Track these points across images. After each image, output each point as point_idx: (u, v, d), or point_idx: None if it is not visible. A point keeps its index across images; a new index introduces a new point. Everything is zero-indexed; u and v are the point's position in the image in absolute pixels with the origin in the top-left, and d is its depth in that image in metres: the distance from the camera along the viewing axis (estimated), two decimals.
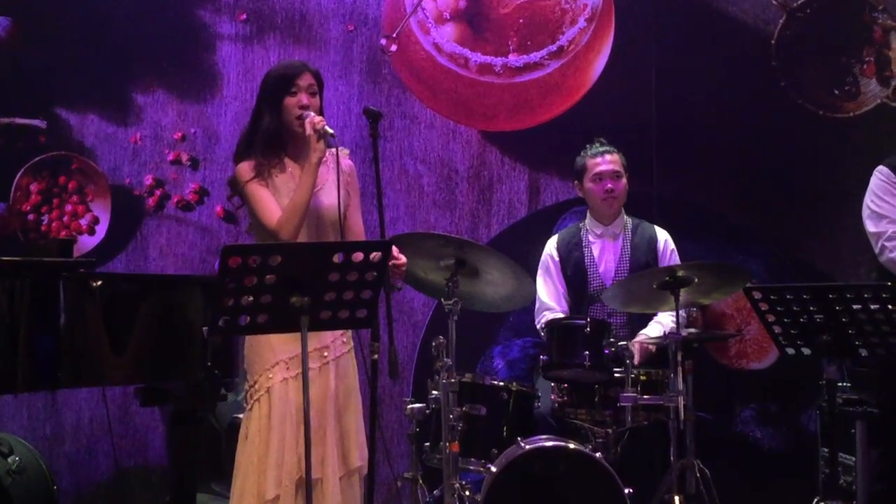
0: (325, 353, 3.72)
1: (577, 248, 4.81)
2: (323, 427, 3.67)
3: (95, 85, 5.69)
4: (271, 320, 3.22)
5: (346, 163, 3.88)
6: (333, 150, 3.79)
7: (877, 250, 4.27)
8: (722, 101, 5.51)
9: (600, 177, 4.76)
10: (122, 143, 5.69)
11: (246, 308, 3.17)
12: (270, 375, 3.67)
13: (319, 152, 3.68)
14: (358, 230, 3.88)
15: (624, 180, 4.79)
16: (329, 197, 3.76)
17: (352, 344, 3.83)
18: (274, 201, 3.71)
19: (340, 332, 3.74)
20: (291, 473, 3.60)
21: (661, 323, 4.68)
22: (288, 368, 3.67)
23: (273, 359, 3.68)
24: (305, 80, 3.77)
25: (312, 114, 3.71)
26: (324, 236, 3.74)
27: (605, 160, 4.76)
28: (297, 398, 3.62)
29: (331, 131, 3.65)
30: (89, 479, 5.53)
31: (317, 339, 3.68)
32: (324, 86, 3.86)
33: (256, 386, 3.69)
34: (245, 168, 3.76)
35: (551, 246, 4.88)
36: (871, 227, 4.28)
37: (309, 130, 3.67)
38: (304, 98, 3.74)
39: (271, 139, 3.76)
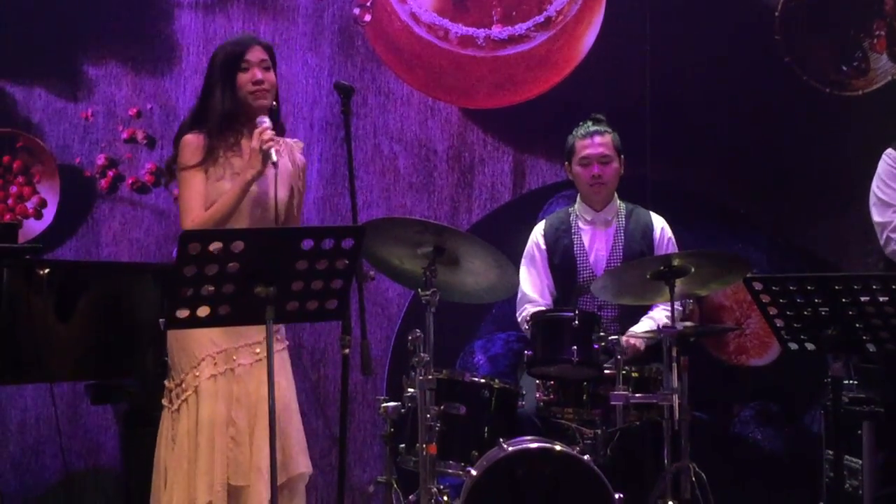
0: (258, 350, 3.69)
1: (566, 235, 4.81)
2: (251, 428, 3.66)
3: (43, 56, 5.65)
4: (234, 312, 3.21)
5: (300, 158, 3.94)
6: (289, 140, 3.90)
7: (882, 241, 4.30)
8: (721, 77, 5.51)
9: (588, 161, 4.75)
10: (71, 119, 5.65)
11: (206, 298, 3.15)
12: (197, 373, 3.66)
13: (254, 171, 3.68)
14: None
15: (615, 164, 4.78)
16: (280, 189, 3.77)
17: (286, 342, 3.83)
18: (200, 199, 3.72)
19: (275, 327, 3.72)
20: (222, 478, 3.59)
21: (654, 318, 4.69)
22: (216, 364, 3.66)
23: (199, 354, 3.67)
24: (256, 54, 3.79)
25: (267, 123, 3.70)
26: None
27: (593, 142, 4.75)
28: (226, 396, 3.63)
29: (274, 158, 3.63)
30: (36, 482, 5.51)
31: (250, 334, 3.66)
32: (276, 61, 3.89)
33: (184, 385, 3.68)
34: (192, 144, 3.75)
35: (538, 233, 4.88)
36: (876, 216, 4.32)
37: (255, 143, 3.67)
38: (257, 73, 3.77)
39: (225, 119, 3.77)
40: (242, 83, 3.76)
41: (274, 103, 3.84)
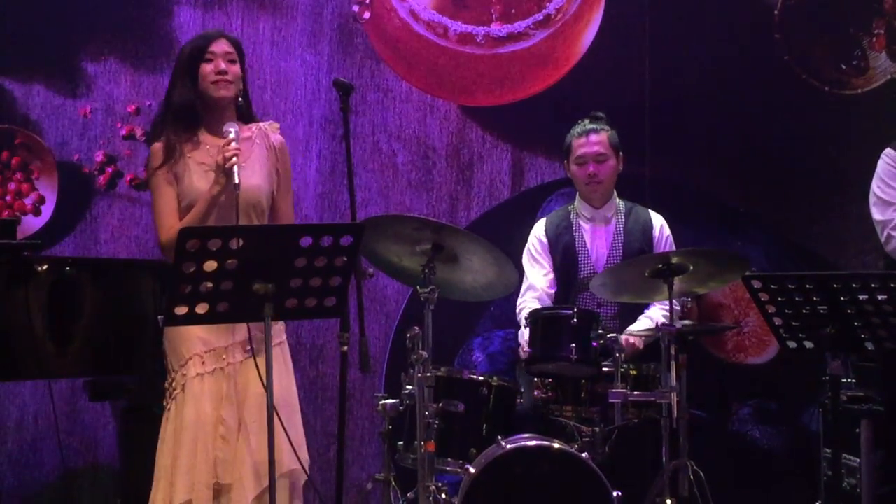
0: (247, 348, 3.64)
1: (567, 232, 4.80)
2: (236, 426, 3.63)
3: (42, 52, 5.64)
4: (233, 309, 3.20)
5: (277, 139, 3.87)
6: (262, 124, 3.83)
7: (883, 239, 4.31)
8: (720, 76, 5.51)
9: (583, 159, 4.75)
10: (70, 115, 5.64)
11: (205, 295, 3.15)
12: (185, 372, 3.64)
13: (219, 187, 3.65)
14: (288, 217, 3.86)
15: (612, 161, 4.77)
16: (251, 177, 3.73)
17: (284, 336, 3.80)
18: (173, 208, 3.71)
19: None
20: (206, 478, 3.57)
21: (651, 318, 4.68)
22: (203, 363, 3.64)
23: (187, 353, 3.65)
24: (221, 46, 3.77)
25: (232, 135, 3.65)
26: (245, 221, 3.69)
27: (589, 141, 4.74)
28: (214, 395, 3.61)
29: (237, 181, 3.57)
30: (34, 479, 5.50)
31: (240, 331, 3.62)
32: (245, 56, 3.86)
33: (174, 384, 3.67)
34: (154, 151, 3.75)
35: (539, 229, 4.87)
36: (877, 214, 4.33)
37: (219, 159, 3.63)
38: (221, 63, 3.74)
39: (184, 112, 3.75)
40: (205, 74, 3.73)
41: (240, 99, 3.81)
